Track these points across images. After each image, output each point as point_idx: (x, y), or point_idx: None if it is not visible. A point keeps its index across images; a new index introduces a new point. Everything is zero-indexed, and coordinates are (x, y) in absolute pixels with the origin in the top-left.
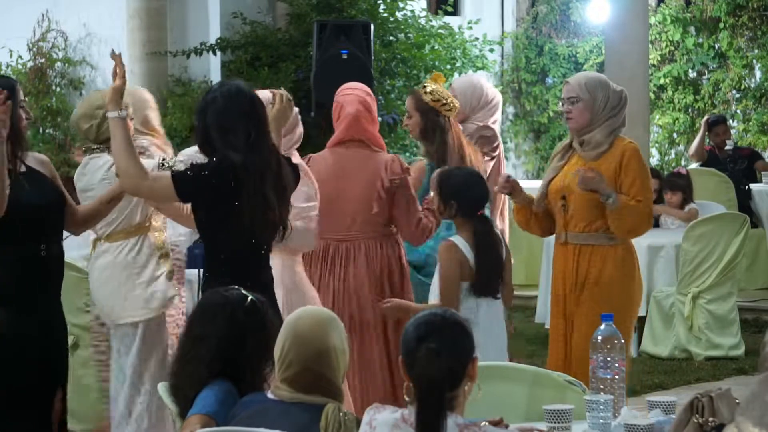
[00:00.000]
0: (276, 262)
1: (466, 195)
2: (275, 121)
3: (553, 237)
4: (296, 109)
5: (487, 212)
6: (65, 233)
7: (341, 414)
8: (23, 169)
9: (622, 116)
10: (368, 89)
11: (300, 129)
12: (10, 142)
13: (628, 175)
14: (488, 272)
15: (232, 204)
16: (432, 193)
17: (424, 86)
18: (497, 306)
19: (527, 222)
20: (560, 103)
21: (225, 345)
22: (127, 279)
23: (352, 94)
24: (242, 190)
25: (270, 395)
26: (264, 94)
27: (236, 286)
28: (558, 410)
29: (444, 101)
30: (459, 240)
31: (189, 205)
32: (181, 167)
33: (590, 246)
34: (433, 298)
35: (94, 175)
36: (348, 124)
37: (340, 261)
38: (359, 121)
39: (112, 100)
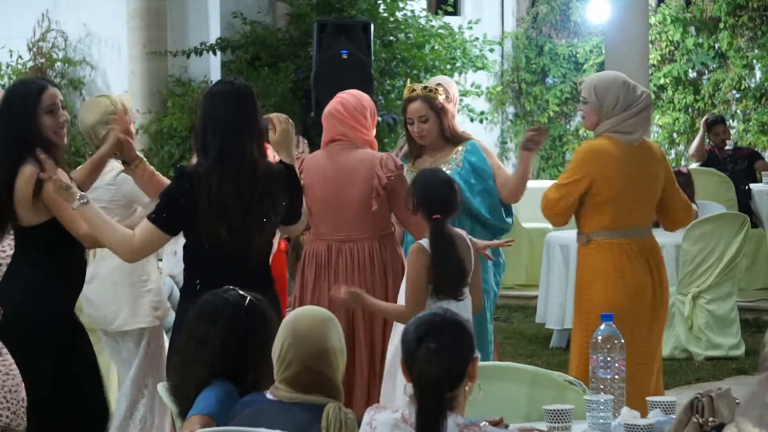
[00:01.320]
0: None
1: (424, 194)
2: (280, 144)
3: (552, 237)
4: None
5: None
6: None
7: (342, 413)
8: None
9: (629, 118)
10: (359, 94)
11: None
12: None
13: None
14: (444, 273)
15: (194, 210)
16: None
17: (425, 87)
18: (462, 308)
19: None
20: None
21: (227, 345)
22: (134, 286)
23: (338, 97)
24: (198, 196)
25: (269, 395)
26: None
27: (232, 287)
28: (558, 410)
29: (437, 88)
30: (427, 243)
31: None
32: (152, 207)
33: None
34: (403, 300)
35: (102, 178)
36: (326, 125)
37: (344, 262)
38: (334, 118)
39: (69, 193)
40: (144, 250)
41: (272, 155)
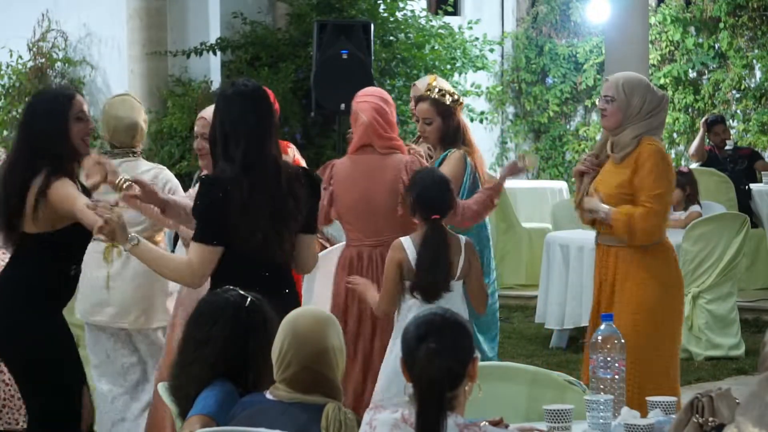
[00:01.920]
0: None
1: (421, 193)
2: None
3: (552, 237)
4: None
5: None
6: None
7: (342, 413)
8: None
9: (657, 121)
10: (384, 95)
11: None
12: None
13: (638, 174)
14: (427, 278)
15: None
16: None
17: (440, 90)
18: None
19: None
20: (598, 100)
21: (228, 346)
22: (157, 285)
23: (366, 102)
24: (230, 204)
25: (269, 395)
26: None
27: (231, 287)
28: (558, 410)
29: (457, 96)
30: (407, 240)
31: None
32: (190, 228)
33: (615, 247)
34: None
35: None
36: (362, 133)
37: (374, 267)
38: (374, 129)
39: (122, 236)
40: (204, 270)
41: (291, 155)
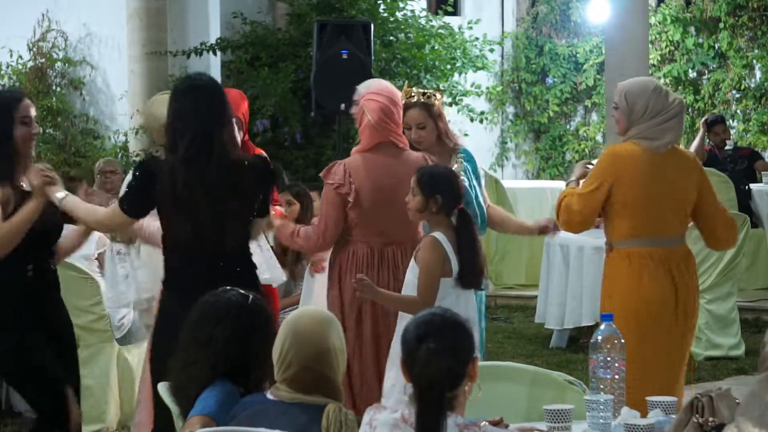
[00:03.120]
0: None
1: (448, 190)
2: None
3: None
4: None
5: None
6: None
7: (342, 414)
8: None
9: (658, 125)
10: (393, 95)
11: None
12: (15, 160)
13: None
14: (472, 266)
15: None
16: (411, 194)
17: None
18: (472, 297)
19: None
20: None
21: (231, 345)
22: None
23: (374, 101)
24: (159, 191)
25: (269, 396)
26: None
27: (229, 287)
28: (558, 410)
29: (439, 93)
30: (441, 237)
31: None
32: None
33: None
34: (409, 290)
35: None
36: (372, 134)
37: (388, 265)
38: (382, 128)
39: (53, 189)
40: (113, 226)
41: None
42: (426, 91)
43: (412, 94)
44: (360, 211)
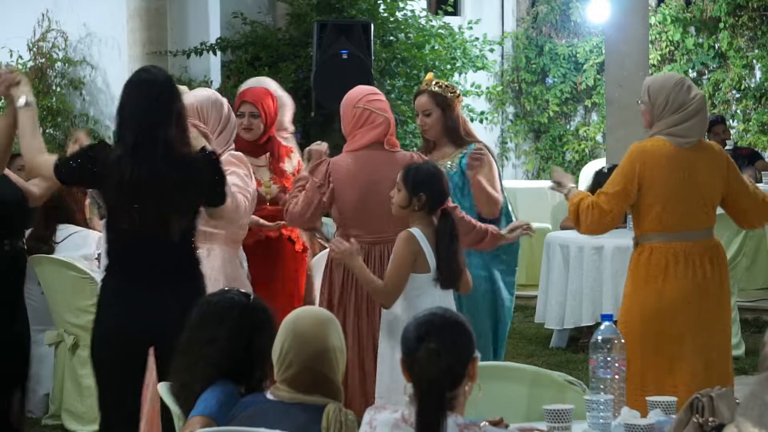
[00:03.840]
0: (216, 254)
1: (433, 189)
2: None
3: (552, 237)
4: (226, 105)
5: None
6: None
7: (342, 414)
8: None
9: (682, 122)
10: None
11: (232, 125)
12: None
13: None
14: (449, 267)
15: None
16: (396, 189)
17: (438, 83)
18: (451, 298)
19: None
20: None
21: (234, 344)
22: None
23: (380, 101)
24: (102, 176)
25: (270, 396)
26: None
27: (229, 288)
28: (558, 410)
29: (458, 92)
30: (417, 232)
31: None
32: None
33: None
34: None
35: None
36: (381, 132)
37: (373, 263)
38: (391, 129)
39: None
40: (34, 162)
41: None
42: (444, 83)
43: (430, 82)
44: (343, 210)
